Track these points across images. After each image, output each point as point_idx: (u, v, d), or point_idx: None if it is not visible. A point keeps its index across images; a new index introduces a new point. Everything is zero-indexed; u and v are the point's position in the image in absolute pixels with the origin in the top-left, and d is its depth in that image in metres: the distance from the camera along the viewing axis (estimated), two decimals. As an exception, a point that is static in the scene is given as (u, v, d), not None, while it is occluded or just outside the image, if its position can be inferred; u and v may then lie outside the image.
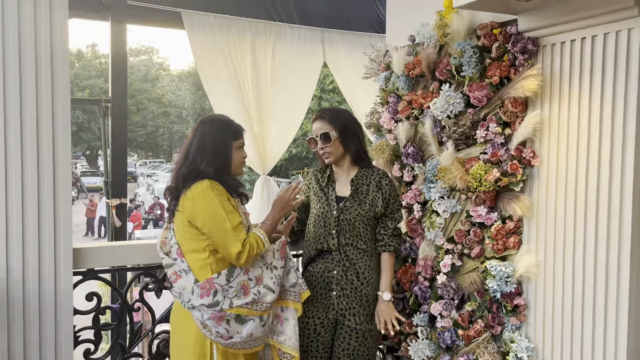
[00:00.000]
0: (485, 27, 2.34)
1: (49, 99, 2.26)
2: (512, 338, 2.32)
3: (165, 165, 33.51)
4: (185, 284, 2.11)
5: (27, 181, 2.24)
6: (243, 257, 2.02)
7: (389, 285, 2.42)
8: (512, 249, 2.33)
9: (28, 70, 2.21)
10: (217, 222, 2.03)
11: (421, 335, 2.57)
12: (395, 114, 2.78)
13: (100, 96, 20.68)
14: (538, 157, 2.25)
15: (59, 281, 2.32)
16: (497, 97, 2.34)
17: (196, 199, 2.05)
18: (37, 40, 2.23)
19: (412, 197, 2.65)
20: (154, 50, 35.30)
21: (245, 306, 2.10)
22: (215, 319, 2.06)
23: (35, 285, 2.27)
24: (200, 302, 2.06)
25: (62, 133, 2.30)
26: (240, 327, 2.10)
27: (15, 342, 2.24)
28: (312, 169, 2.62)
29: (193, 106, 27.65)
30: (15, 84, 2.20)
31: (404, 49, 2.75)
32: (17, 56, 2.19)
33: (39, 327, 2.29)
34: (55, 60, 2.26)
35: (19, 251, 2.23)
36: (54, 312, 2.31)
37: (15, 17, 2.18)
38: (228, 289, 2.08)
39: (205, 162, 2.08)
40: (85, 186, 24.72)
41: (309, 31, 5.44)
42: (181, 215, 2.09)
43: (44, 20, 2.23)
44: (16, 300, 2.23)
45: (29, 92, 2.22)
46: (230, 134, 2.16)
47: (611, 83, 1.99)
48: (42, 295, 2.29)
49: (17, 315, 2.24)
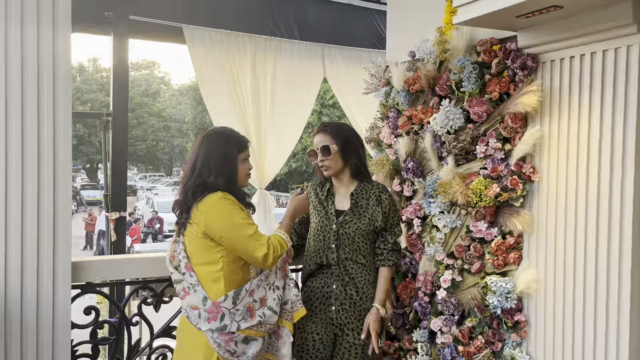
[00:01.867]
0: (485, 43, 2.36)
1: (51, 113, 2.27)
2: (513, 355, 2.30)
3: (165, 179, 33.55)
4: (193, 301, 2.10)
5: (27, 194, 2.24)
6: (270, 259, 2.06)
7: (381, 300, 2.38)
8: (512, 265, 2.33)
9: (30, 83, 2.23)
10: (237, 230, 2.05)
11: (421, 352, 2.55)
12: (395, 129, 2.79)
13: (101, 110, 20.77)
14: (538, 173, 2.26)
15: (57, 294, 2.31)
16: (497, 112, 2.35)
17: (210, 211, 2.06)
18: (40, 55, 2.25)
19: (412, 212, 2.64)
20: (155, 65, 35.48)
21: (251, 328, 2.11)
22: (225, 339, 2.07)
23: (34, 298, 2.26)
24: (207, 326, 2.06)
25: (63, 146, 2.30)
26: (246, 347, 2.12)
27: (13, 355, 2.22)
28: (311, 183, 2.62)
29: (193, 120, 27.74)
30: (17, 97, 2.21)
31: (404, 65, 2.76)
32: (19, 70, 2.21)
33: (37, 341, 2.27)
34: (57, 74, 2.28)
35: (18, 264, 2.23)
36: (52, 326, 2.30)
37: (19, 33, 2.20)
38: (235, 312, 2.08)
39: (212, 175, 2.10)
40: (85, 199, 24.71)
41: (309, 46, 5.49)
42: (195, 227, 2.10)
43: (47, 36, 2.25)
44: (14, 313, 2.22)
45: (30, 105, 2.23)
46: (235, 146, 2.18)
47: (610, 99, 2.00)
48: (40, 309, 2.27)
49: (15, 328, 2.22)
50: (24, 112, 2.22)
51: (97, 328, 2.54)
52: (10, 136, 2.21)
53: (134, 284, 2.64)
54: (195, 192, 2.10)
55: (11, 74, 2.20)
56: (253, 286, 2.13)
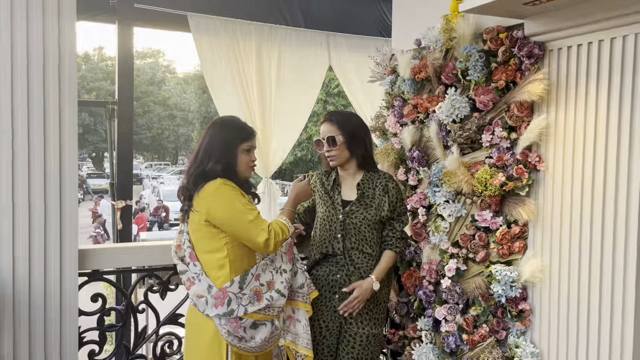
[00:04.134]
0: (492, 32, 2.34)
1: (56, 101, 2.28)
2: (517, 343, 2.31)
3: (171, 167, 33.59)
4: (199, 291, 2.12)
5: (34, 182, 2.25)
6: (271, 244, 2.06)
7: (379, 273, 2.35)
8: (517, 254, 2.33)
9: (36, 72, 2.23)
10: (238, 216, 2.05)
11: (425, 340, 2.56)
12: (400, 118, 2.78)
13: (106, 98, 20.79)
14: (544, 162, 2.25)
15: (64, 282, 2.33)
16: (503, 101, 2.33)
17: (210, 198, 2.06)
18: (45, 43, 2.25)
19: (417, 201, 2.64)
20: (160, 53, 35.40)
21: (259, 312, 2.12)
22: (233, 326, 2.08)
23: (41, 286, 2.28)
24: (215, 312, 2.07)
25: (69, 135, 2.31)
26: (255, 332, 2.13)
27: (21, 341, 2.25)
28: (317, 172, 2.62)
29: (199, 109, 27.72)
30: (24, 86, 2.22)
31: (409, 53, 2.75)
32: (25, 59, 2.21)
33: (44, 328, 2.30)
34: (63, 63, 2.28)
35: (25, 252, 2.25)
36: (59, 313, 2.32)
37: (24, 22, 2.20)
38: (242, 297, 2.09)
39: (211, 163, 2.11)
40: (91, 188, 24.81)
41: (314, 34, 5.46)
42: (197, 215, 2.10)
43: (52, 25, 2.25)
44: (22, 300, 2.24)
45: (36, 94, 2.24)
46: (238, 135, 2.17)
47: (618, 87, 1.99)
48: (47, 296, 2.30)
49: (23, 316, 2.25)
50: (30, 101, 2.23)
51: (104, 315, 2.57)
52: (17, 125, 2.22)
53: (140, 271, 2.66)
54: (197, 180, 2.11)
55: (17, 62, 2.20)
56: (259, 270, 2.14)
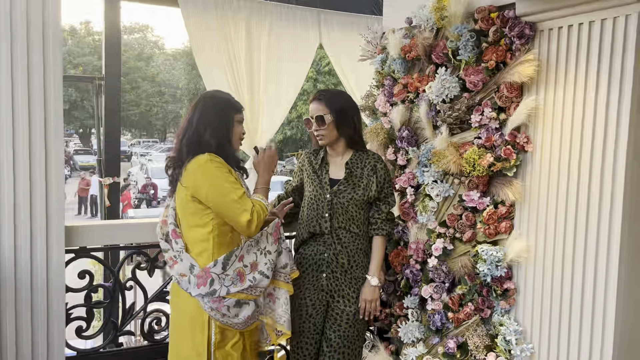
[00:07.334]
0: (483, 11, 2.33)
1: (41, 76, 2.24)
2: (501, 321, 2.35)
3: (159, 145, 33.34)
4: (182, 270, 2.12)
5: (19, 158, 2.22)
6: (253, 226, 2.05)
7: (377, 270, 2.43)
8: (503, 234, 2.35)
9: (19, 45, 2.19)
10: (222, 194, 2.04)
11: (411, 317, 2.60)
12: (390, 97, 2.77)
13: (93, 74, 20.44)
14: (532, 143, 2.26)
15: (50, 258, 2.32)
16: (493, 81, 2.33)
17: (197, 173, 2.05)
18: (29, 16, 2.20)
19: (406, 181, 2.65)
20: (148, 29, 34.82)
21: (242, 292, 2.13)
22: (216, 304, 2.09)
23: (27, 262, 2.27)
24: (197, 291, 2.08)
25: (54, 110, 2.28)
26: (239, 310, 2.14)
27: (7, 318, 2.25)
28: (305, 151, 2.62)
29: (187, 86, 27.45)
30: (7, 60, 2.17)
31: (400, 32, 2.73)
32: (8, 32, 2.16)
33: (31, 304, 2.29)
34: (47, 35, 2.24)
35: (11, 228, 2.23)
36: (46, 289, 2.32)
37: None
38: (224, 277, 2.09)
39: (208, 132, 2.10)
40: (79, 164, 24.59)
41: (305, 12, 5.39)
42: (184, 190, 2.10)
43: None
44: (8, 277, 2.23)
45: (20, 69, 2.19)
46: (232, 107, 2.19)
47: (607, 70, 1.99)
48: (34, 272, 2.29)
49: (9, 292, 2.24)
50: (13, 75, 2.19)
51: (92, 292, 2.57)
52: (1, 100, 2.18)
53: (128, 249, 2.66)
54: (191, 148, 2.09)
55: (0, 34, 2.15)
56: (243, 251, 2.15)
